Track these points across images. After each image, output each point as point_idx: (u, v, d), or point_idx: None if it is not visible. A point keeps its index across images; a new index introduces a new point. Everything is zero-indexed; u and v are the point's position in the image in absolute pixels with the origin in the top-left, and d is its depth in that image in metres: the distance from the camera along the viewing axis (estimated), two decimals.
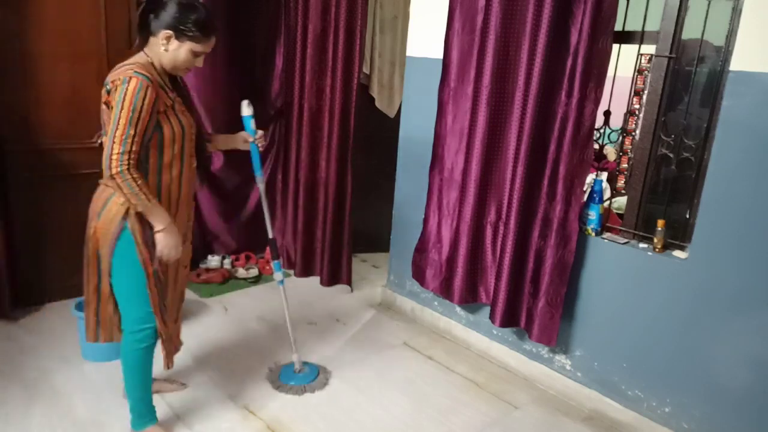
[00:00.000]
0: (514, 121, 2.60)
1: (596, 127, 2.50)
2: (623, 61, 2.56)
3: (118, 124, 1.74)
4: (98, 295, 2.03)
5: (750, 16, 2.00)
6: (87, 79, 3.07)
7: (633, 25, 2.48)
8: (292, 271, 3.83)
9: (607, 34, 2.33)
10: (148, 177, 1.90)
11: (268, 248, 3.93)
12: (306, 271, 3.76)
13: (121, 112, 1.74)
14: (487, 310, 2.87)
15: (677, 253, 2.34)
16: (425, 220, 3.04)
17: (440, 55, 2.84)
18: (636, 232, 2.51)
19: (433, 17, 2.93)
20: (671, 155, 2.40)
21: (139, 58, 1.89)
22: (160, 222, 1.87)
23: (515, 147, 2.60)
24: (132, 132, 1.75)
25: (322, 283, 3.67)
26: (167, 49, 1.87)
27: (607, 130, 2.71)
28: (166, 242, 1.90)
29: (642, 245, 2.44)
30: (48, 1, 2.88)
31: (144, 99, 1.77)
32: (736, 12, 2.15)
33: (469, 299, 2.91)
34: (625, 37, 2.50)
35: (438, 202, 2.96)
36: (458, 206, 2.85)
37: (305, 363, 2.70)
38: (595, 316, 2.56)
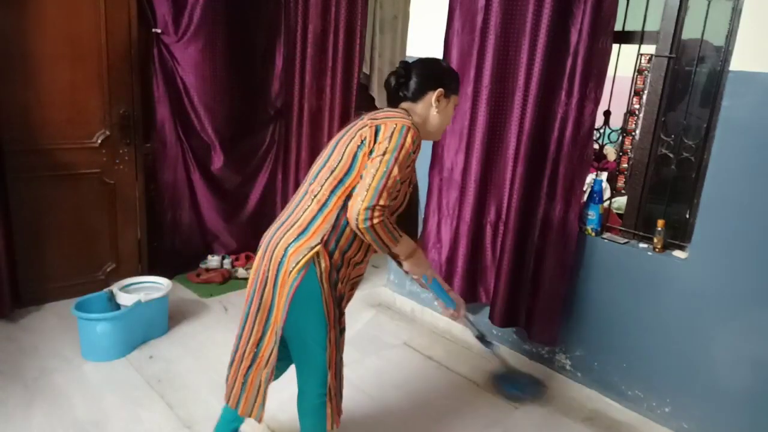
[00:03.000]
0: (514, 121, 2.60)
1: (596, 127, 2.50)
2: (623, 61, 2.56)
3: (389, 175, 1.58)
4: None
5: (750, 16, 2.00)
6: (87, 79, 3.08)
7: (633, 25, 2.47)
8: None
9: (607, 34, 2.33)
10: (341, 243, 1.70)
11: None
12: None
13: (395, 162, 1.59)
14: (487, 310, 2.87)
15: (677, 253, 2.34)
16: (425, 220, 3.04)
17: (440, 55, 2.84)
18: (636, 232, 2.51)
19: (433, 17, 2.93)
20: (671, 155, 2.40)
21: (401, 114, 1.71)
22: (407, 254, 1.77)
23: (515, 147, 2.60)
24: (397, 187, 1.62)
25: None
26: (439, 108, 1.76)
27: (607, 130, 2.71)
28: (417, 265, 1.81)
29: (642, 245, 2.44)
30: (48, 1, 2.88)
31: (416, 151, 1.66)
32: (736, 12, 2.15)
33: (469, 299, 2.91)
34: (625, 37, 2.50)
35: (438, 202, 2.96)
36: (458, 206, 2.85)
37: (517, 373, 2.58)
38: (595, 316, 2.55)
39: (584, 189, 2.51)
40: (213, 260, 3.73)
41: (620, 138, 3.28)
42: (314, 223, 1.65)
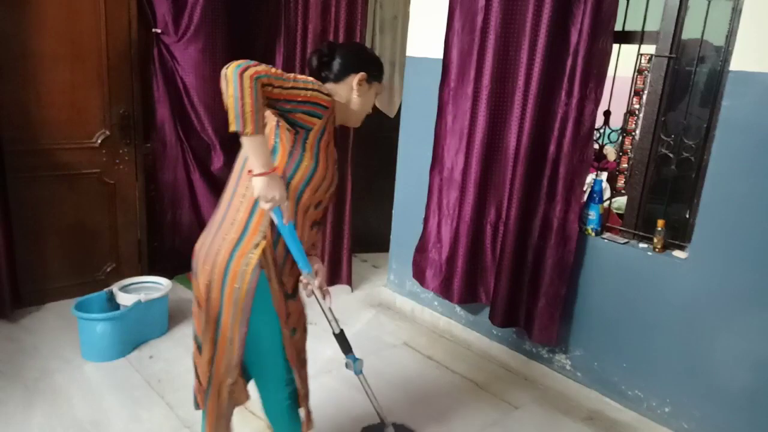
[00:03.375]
0: (514, 121, 2.60)
1: (596, 127, 2.50)
2: (623, 61, 2.56)
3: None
4: None
5: (750, 16, 2.00)
6: (87, 79, 3.08)
7: (633, 25, 2.47)
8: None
9: (607, 34, 2.33)
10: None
11: None
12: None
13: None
14: (487, 310, 2.87)
15: (677, 253, 2.34)
16: (425, 220, 3.04)
17: (440, 55, 2.84)
18: (636, 232, 2.51)
19: (433, 17, 2.93)
20: (671, 155, 2.40)
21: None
22: (262, 166, 1.49)
23: (515, 147, 2.60)
24: (286, 82, 1.47)
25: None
26: (360, 93, 1.70)
27: (607, 130, 2.71)
28: (268, 189, 1.50)
29: (642, 245, 2.44)
30: (48, 1, 2.88)
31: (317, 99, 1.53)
32: (736, 12, 2.15)
33: (469, 299, 2.91)
34: (625, 37, 2.50)
35: (438, 202, 2.96)
36: (458, 206, 2.85)
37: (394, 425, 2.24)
38: (595, 316, 2.55)
39: (584, 189, 2.51)
40: None
41: (620, 138, 3.28)
42: (252, 220, 1.57)
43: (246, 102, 1.39)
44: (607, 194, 2.83)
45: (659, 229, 2.36)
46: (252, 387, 1.83)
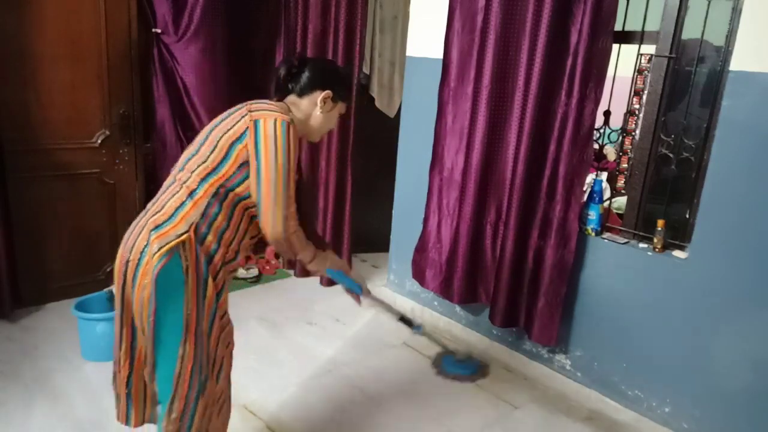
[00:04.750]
0: (514, 121, 2.60)
1: (596, 127, 2.50)
2: (623, 61, 2.56)
3: (287, 177, 1.53)
4: None
5: (750, 16, 2.00)
6: (87, 79, 3.07)
7: (633, 25, 2.47)
8: (292, 271, 3.83)
9: (607, 34, 2.33)
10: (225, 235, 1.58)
11: (268, 249, 3.95)
12: (306, 271, 3.76)
13: (287, 160, 1.52)
14: (487, 310, 2.87)
15: (677, 253, 2.34)
16: (425, 220, 3.04)
17: (440, 55, 2.84)
18: (636, 232, 2.51)
19: (433, 17, 2.93)
20: (671, 155, 2.40)
21: (283, 107, 1.64)
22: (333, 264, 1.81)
23: (515, 147, 2.60)
24: (290, 184, 1.56)
25: (322, 283, 3.67)
26: (324, 110, 1.69)
27: (607, 130, 2.71)
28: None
29: (642, 245, 2.44)
30: (48, 1, 2.88)
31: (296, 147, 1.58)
32: (736, 12, 2.15)
33: (469, 299, 2.91)
34: (625, 37, 2.50)
35: (438, 202, 2.96)
36: (458, 206, 2.85)
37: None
38: (595, 316, 2.55)
39: (584, 189, 2.51)
40: None
41: (620, 138, 3.28)
42: (182, 209, 1.52)
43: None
44: (607, 194, 2.83)
45: (659, 229, 2.36)
46: (250, 383, 1.82)
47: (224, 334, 1.69)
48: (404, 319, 2.14)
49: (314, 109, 1.68)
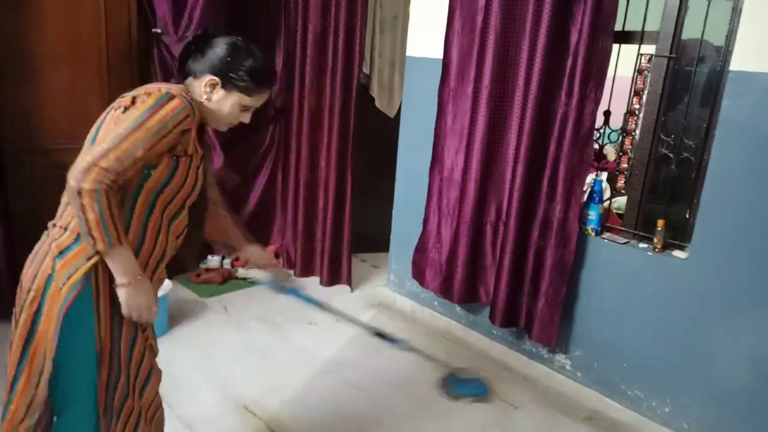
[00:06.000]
0: (514, 121, 2.60)
1: (596, 127, 2.50)
2: (623, 61, 2.56)
3: (127, 136, 1.30)
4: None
5: (750, 16, 2.00)
6: (87, 79, 3.08)
7: (633, 25, 2.47)
8: (292, 271, 3.83)
9: (607, 34, 2.33)
10: (132, 224, 1.39)
11: (268, 248, 3.94)
12: (306, 271, 3.76)
13: (141, 124, 1.32)
14: (487, 310, 2.87)
15: (677, 253, 2.34)
16: (425, 220, 3.04)
17: (440, 55, 2.84)
18: (636, 232, 2.51)
19: (433, 17, 2.93)
20: (671, 155, 2.40)
21: (180, 88, 1.48)
22: (124, 273, 1.33)
23: (515, 147, 2.61)
24: (139, 154, 1.30)
25: (322, 283, 3.67)
26: (210, 98, 1.48)
27: (607, 130, 2.71)
28: (135, 301, 1.36)
29: (642, 245, 2.44)
30: (48, 1, 2.88)
31: (178, 124, 1.36)
32: (736, 12, 2.15)
33: (469, 299, 2.91)
34: (625, 37, 2.50)
35: (438, 202, 2.96)
36: (458, 206, 2.85)
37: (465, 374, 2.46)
38: (595, 316, 2.55)
39: (584, 189, 2.51)
40: (213, 260, 3.73)
41: (620, 138, 3.28)
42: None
43: (89, 219, 1.26)
44: (607, 194, 2.83)
45: (659, 229, 2.36)
46: (250, 383, 1.81)
47: (148, 348, 1.56)
48: (381, 335, 2.06)
49: (202, 95, 1.48)
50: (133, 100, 1.40)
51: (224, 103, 1.49)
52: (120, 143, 1.29)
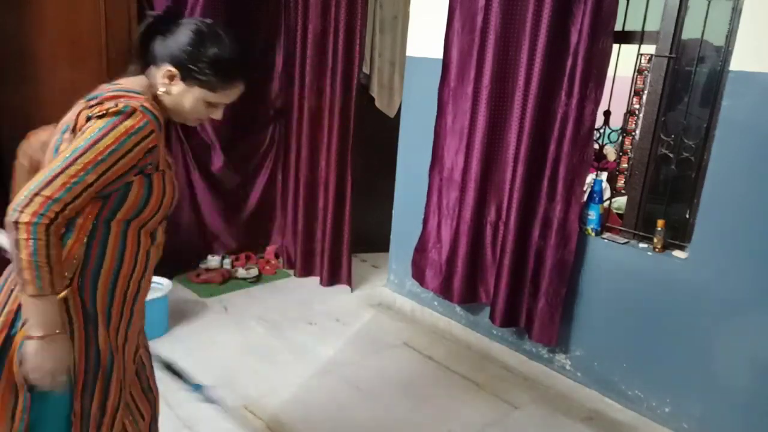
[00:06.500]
0: (514, 121, 2.60)
1: (596, 127, 2.50)
2: (623, 61, 2.56)
3: (75, 159, 1.12)
4: None
5: (750, 16, 2.00)
6: (87, 79, 3.07)
7: (633, 25, 2.47)
8: (292, 271, 3.83)
9: (607, 34, 2.33)
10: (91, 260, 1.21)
11: (268, 248, 3.94)
12: (306, 271, 3.76)
13: (92, 145, 1.13)
14: (487, 310, 2.87)
15: (677, 253, 2.34)
16: (425, 220, 3.04)
17: (440, 55, 2.84)
18: (636, 232, 2.51)
19: (433, 17, 2.93)
20: (671, 155, 2.40)
21: (141, 84, 1.30)
22: (42, 325, 1.12)
23: (515, 147, 2.61)
24: (91, 179, 1.13)
25: (322, 283, 3.67)
26: (169, 91, 1.29)
27: (607, 130, 2.71)
28: (41, 362, 1.13)
29: (642, 245, 2.44)
30: (48, 1, 2.88)
31: (136, 145, 1.17)
32: (736, 12, 2.15)
33: (469, 299, 2.91)
34: (625, 37, 2.50)
35: (438, 202, 2.96)
36: (458, 206, 2.85)
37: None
38: (595, 316, 2.55)
39: (584, 189, 2.51)
40: (213, 260, 3.73)
41: (620, 138, 3.28)
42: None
43: (22, 257, 1.07)
44: (607, 194, 2.83)
45: (659, 229, 2.36)
46: (250, 384, 1.80)
47: (137, 370, 1.44)
48: (177, 373, 1.87)
49: (159, 86, 1.30)
50: (88, 119, 1.23)
51: (184, 99, 1.29)
52: (66, 167, 1.11)
